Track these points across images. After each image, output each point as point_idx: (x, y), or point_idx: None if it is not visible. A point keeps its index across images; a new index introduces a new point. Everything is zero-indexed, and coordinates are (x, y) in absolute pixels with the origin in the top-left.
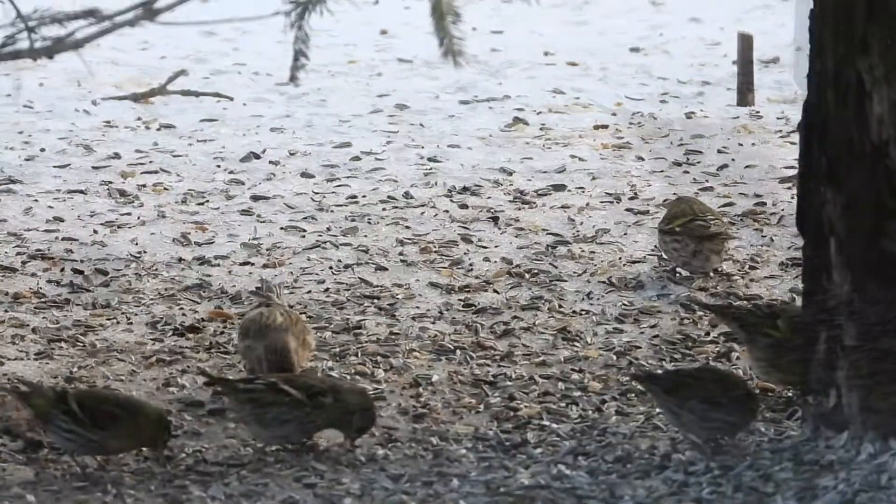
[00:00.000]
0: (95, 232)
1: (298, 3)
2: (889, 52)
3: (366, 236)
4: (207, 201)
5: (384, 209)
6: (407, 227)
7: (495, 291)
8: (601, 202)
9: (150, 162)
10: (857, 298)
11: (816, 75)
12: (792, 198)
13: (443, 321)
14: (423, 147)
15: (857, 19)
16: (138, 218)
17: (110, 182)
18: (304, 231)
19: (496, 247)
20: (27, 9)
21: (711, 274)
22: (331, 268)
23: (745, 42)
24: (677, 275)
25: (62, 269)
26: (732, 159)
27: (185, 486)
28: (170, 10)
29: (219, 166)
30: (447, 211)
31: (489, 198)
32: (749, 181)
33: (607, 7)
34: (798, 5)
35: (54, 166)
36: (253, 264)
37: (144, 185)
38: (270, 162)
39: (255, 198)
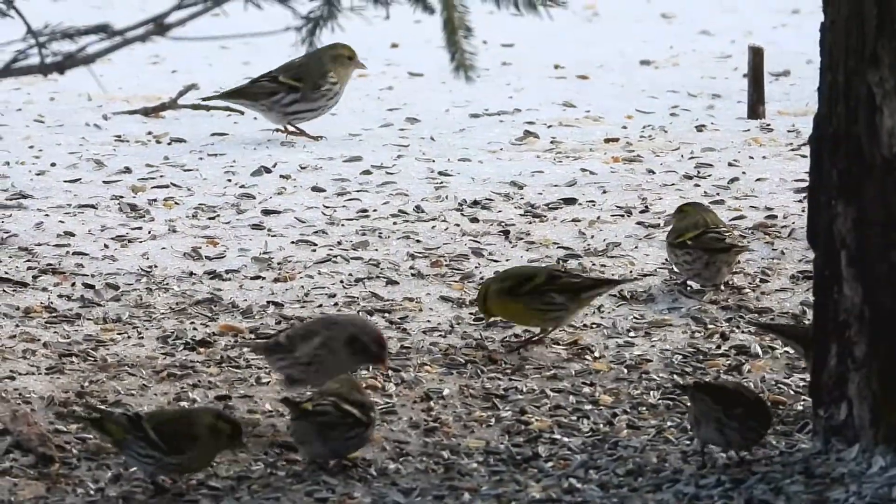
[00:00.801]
0: (106, 246)
1: (309, 19)
2: None
3: (376, 250)
4: (218, 215)
5: (395, 223)
6: (418, 241)
7: None
8: (612, 215)
9: (161, 176)
10: (868, 311)
11: (827, 88)
12: (803, 210)
13: (454, 335)
14: (433, 161)
15: (867, 32)
16: (149, 232)
17: (121, 196)
18: (315, 245)
19: (507, 260)
20: (38, 24)
21: (722, 287)
22: (342, 282)
23: (756, 55)
24: (688, 288)
25: (73, 284)
26: (743, 172)
27: (196, 501)
28: (181, 25)
29: (229, 180)
30: (458, 224)
31: (500, 211)
32: (760, 194)
33: (617, 20)
34: None
35: (65, 181)
36: (264, 278)
37: (155, 200)
38: (281, 176)
39: (266, 212)
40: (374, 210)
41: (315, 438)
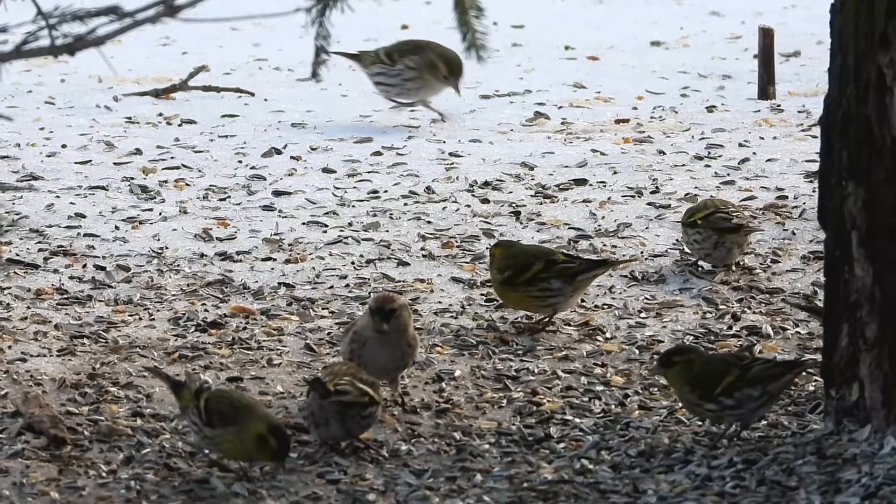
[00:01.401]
0: (117, 228)
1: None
2: None
3: (387, 231)
4: (229, 197)
5: (406, 204)
6: (429, 222)
7: None
8: (622, 196)
9: (172, 158)
10: (879, 292)
11: (837, 70)
12: (813, 191)
13: (465, 316)
14: (444, 142)
15: (877, 14)
16: (160, 214)
17: (132, 178)
18: (326, 226)
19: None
20: (48, 6)
21: (733, 267)
22: (353, 263)
23: (766, 35)
24: (699, 268)
25: (84, 266)
26: (754, 153)
27: (206, 481)
28: (191, 6)
29: (240, 162)
30: (469, 206)
31: (510, 192)
32: (771, 175)
33: (628, 1)
34: None
35: (76, 162)
36: (275, 260)
37: (166, 181)
38: (292, 157)
39: (277, 193)
40: (385, 191)
41: (335, 418)
